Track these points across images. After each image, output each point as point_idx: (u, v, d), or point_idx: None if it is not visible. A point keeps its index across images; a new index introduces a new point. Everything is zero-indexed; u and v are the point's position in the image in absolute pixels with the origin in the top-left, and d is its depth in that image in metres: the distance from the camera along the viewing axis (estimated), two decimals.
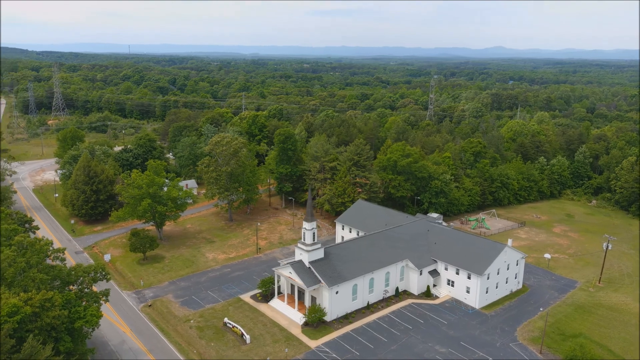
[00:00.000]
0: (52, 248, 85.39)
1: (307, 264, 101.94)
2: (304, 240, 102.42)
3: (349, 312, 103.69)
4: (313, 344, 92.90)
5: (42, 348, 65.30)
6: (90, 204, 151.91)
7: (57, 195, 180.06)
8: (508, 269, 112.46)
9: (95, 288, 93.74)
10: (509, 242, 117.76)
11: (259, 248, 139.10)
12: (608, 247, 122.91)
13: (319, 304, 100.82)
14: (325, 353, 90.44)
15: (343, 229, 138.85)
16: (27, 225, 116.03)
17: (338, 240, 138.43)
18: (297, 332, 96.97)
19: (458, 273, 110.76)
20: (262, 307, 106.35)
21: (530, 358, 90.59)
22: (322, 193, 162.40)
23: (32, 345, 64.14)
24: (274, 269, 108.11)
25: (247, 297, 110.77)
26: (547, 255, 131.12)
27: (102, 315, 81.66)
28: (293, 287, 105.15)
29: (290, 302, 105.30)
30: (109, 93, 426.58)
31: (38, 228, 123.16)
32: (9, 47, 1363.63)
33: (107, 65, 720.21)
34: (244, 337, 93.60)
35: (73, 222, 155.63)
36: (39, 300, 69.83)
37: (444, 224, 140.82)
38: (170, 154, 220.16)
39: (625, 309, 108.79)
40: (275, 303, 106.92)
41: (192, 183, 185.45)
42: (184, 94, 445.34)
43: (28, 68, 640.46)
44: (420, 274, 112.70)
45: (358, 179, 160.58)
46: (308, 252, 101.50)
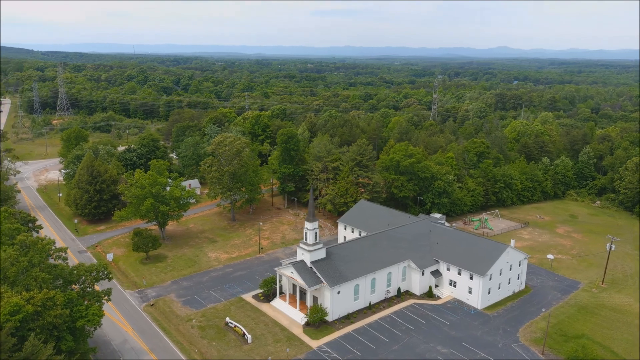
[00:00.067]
0: (54, 247, 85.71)
1: (308, 264, 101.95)
2: (306, 240, 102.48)
3: (351, 312, 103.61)
4: (314, 344, 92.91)
5: (43, 347, 65.58)
6: (94, 204, 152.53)
7: (60, 195, 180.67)
8: (510, 270, 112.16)
9: (98, 287, 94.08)
10: (512, 242, 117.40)
11: (261, 248, 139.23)
12: (611, 247, 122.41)
13: (321, 304, 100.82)
14: (327, 353, 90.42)
15: (345, 229, 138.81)
16: (30, 225, 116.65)
17: (340, 240, 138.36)
18: (298, 332, 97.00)
19: (460, 273, 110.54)
20: (263, 306, 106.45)
21: (532, 359, 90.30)
22: (324, 193, 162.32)
23: (33, 344, 64.41)
24: (276, 269, 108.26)
25: (249, 296, 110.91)
26: (550, 256, 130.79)
27: (103, 315, 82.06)
28: (295, 287, 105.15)
29: (292, 302, 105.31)
30: (113, 93, 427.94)
31: (41, 227, 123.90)
32: (15, 47, 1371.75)
33: (111, 65, 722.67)
34: (246, 336, 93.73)
35: (76, 221, 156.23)
36: (41, 299, 70.10)
37: (447, 225, 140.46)
38: (174, 154, 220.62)
39: (629, 310, 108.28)
40: (277, 303, 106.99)
41: (195, 183, 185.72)
42: (188, 94, 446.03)
43: (33, 68, 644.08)
44: (422, 275, 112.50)
45: (360, 179, 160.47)
46: (310, 252, 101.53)
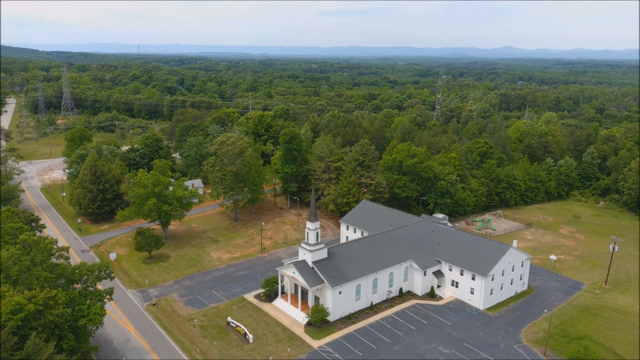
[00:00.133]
0: (56, 246, 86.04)
1: (310, 264, 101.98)
2: (308, 240, 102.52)
3: (352, 312, 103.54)
4: (316, 344, 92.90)
5: (44, 345, 65.88)
6: (97, 203, 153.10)
7: (64, 194, 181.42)
8: (513, 270, 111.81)
9: (100, 286, 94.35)
10: (514, 243, 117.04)
11: (264, 248, 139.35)
12: (614, 248, 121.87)
13: (322, 304, 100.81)
14: (328, 353, 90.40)
15: (348, 229, 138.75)
16: (33, 224, 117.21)
17: (342, 241, 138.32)
18: (300, 332, 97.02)
19: (462, 274, 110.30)
20: (265, 306, 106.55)
21: (534, 359, 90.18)
22: (327, 193, 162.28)
23: (34, 343, 64.70)
24: (278, 269, 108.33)
25: (250, 296, 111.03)
26: (553, 257, 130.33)
27: (105, 314, 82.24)
28: (296, 286, 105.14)
29: (294, 301, 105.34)
30: (118, 93, 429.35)
31: (44, 227, 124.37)
32: (20, 47, 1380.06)
33: (116, 66, 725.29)
34: (247, 336, 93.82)
35: (80, 220, 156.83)
36: (43, 298, 70.36)
37: (449, 225, 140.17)
38: (177, 154, 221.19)
39: (632, 311, 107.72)
40: (279, 303, 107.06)
41: (198, 183, 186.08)
42: (192, 94, 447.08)
43: (38, 68, 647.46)
44: (424, 275, 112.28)
45: (363, 179, 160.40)
46: (311, 252, 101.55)
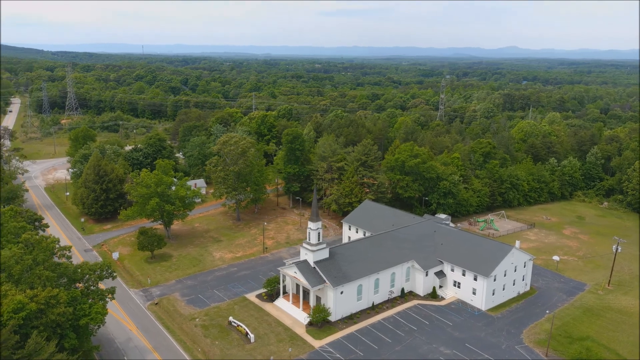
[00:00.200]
0: (58, 246, 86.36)
1: (312, 264, 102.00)
2: (309, 240, 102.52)
3: (354, 312, 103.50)
4: (317, 344, 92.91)
5: (46, 344, 66.08)
6: (100, 203, 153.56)
7: (68, 194, 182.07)
8: (515, 271, 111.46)
9: (102, 286, 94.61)
10: (517, 243, 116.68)
11: (266, 248, 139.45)
12: (618, 249, 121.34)
13: (324, 304, 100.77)
14: (329, 353, 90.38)
15: (350, 229, 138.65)
16: (36, 224, 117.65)
17: (345, 241, 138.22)
18: (301, 331, 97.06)
19: (464, 274, 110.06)
20: (267, 306, 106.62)
21: None
22: (329, 193, 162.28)
23: (36, 342, 64.92)
24: (279, 269, 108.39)
25: (252, 296, 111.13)
26: (556, 258, 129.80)
27: (107, 313, 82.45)
28: (298, 286, 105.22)
29: (295, 301, 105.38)
30: (122, 93, 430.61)
31: (48, 226, 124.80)
32: (25, 47, 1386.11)
33: (120, 66, 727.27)
34: (249, 336, 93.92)
35: (83, 220, 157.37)
36: (45, 297, 70.60)
37: (452, 225, 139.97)
38: (180, 154, 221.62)
39: (634, 312, 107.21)
40: (280, 302, 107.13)
41: (200, 182, 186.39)
42: (196, 94, 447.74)
43: (43, 68, 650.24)
44: (426, 275, 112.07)
45: (365, 179, 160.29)
46: (313, 252, 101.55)
